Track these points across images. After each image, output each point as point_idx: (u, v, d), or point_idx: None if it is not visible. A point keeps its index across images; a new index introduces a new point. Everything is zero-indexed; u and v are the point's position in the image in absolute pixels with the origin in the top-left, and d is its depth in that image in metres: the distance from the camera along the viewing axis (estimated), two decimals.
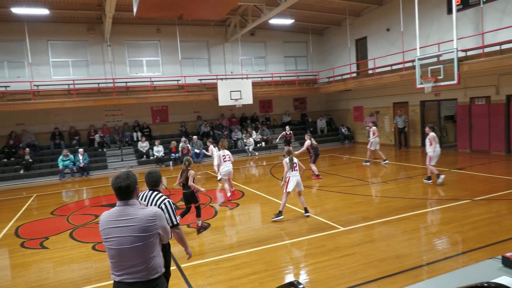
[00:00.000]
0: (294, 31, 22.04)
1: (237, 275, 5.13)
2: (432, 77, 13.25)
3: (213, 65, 20.94)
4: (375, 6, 18.27)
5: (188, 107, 20.27)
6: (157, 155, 17.21)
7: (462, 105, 15.00)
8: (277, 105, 22.75)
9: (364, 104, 20.56)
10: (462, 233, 6.08)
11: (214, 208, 8.89)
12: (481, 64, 12.16)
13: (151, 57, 19.93)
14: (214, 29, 20.44)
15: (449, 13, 14.10)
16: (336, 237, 6.33)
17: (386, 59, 17.13)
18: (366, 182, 10.65)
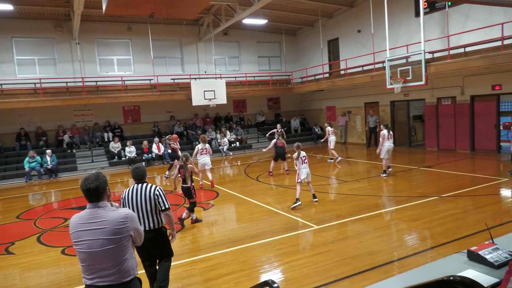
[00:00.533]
0: (268, 31, 22.14)
1: (212, 275, 5.10)
2: (401, 78, 13.64)
3: (186, 65, 20.72)
4: (346, 8, 18.62)
5: (161, 107, 19.97)
6: (129, 155, 16.86)
7: (430, 105, 15.53)
8: (251, 105, 22.79)
9: (337, 104, 20.92)
10: (430, 229, 6.30)
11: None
12: (447, 65, 12.64)
13: (122, 56, 19.49)
14: (187, 28, 20.23)
15: (417, 16, 14.57)
16: (310, 235, 6.42)
17: (357, 60, 17.49)
18: (339, 181, 10.84)
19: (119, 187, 12.91)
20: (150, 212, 4.20)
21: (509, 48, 11.02)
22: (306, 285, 4.60)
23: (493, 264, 2.62)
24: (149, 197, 4.19)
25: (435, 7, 14.22)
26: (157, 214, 4.25)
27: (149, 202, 4.19)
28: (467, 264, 2.73)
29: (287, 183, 11.24)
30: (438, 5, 14.08)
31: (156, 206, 4.22)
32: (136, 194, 4.23)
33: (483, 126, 13.73)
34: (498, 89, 13.02)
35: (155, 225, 4.24)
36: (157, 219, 4.26)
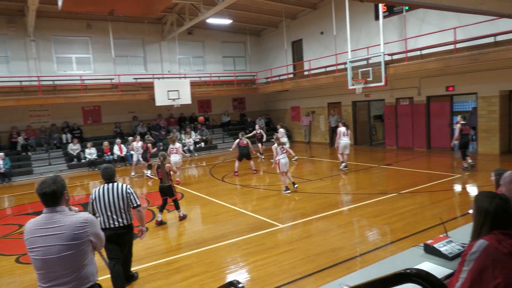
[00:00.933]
0: (232, 31, 22.11)
1: (177, 278, 5.02)
2: (362, 79, 14.07)
3: (149, 64, 20.27)
4: (309, 10, 18.93)
5: (122, 107, 19.41)
6: (89, 157, 16.25)
7: (389, 105, 16.11)
8: (216, 105, 22.66)
9: (301, 104, 21.23)
10: (390, 224, 6.53)
11: (152, 212, 8.61)
12: (405, 67, 13.16)
13: (81, 54, 18.76)
14: (150, 27, 19.79)
15: (377, 19, 15.07)
16: (275, 234, 6.46)
17: (320, 61, 17.84)
18: (303, 180, 11.01)
19: (78, 191, 12.42)
20: (122, 209, 4.52)
21: (462, 51, 11.66)
22: (271, 284, 4.63)
23: (447, 256, 2.75)
24: (121, 195, 4.52)
25: (393, 11, 14.77)
26: (128, 211, 4.60)
27: (121, 200, 4.52)
28: (424, 257, 2.86)
29: (253, 183, 11.26)
30: (396, 9, 14.64)
31: (128, 204, 4.57)
32: (108, 193, 4.52)
33: (438, 125, 14.43)
34: (451, 90, 13.72)
35: (127, 221, 4.58)
36: (128, 216, 4.61)
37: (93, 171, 15.98)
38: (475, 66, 12.18)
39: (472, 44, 11.72)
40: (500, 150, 12.60)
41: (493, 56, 10.68)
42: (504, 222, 2.04)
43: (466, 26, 11.72)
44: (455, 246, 2.83)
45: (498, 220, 2.04)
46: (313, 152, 17.34)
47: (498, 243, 1.96)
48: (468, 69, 12.67)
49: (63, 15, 17.07)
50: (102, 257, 5.89)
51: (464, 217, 6.48)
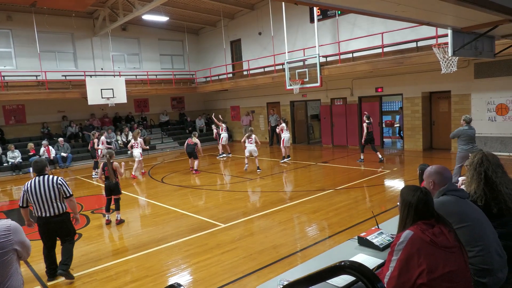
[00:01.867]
0: (170, 29, 21.60)
1: (115, 285, 4.81)
2: (299, 79, 14.54)
3: (79, 60, 19.07)
4: (247, 10, 19.11)
5: (50, 106, 18.06)
6: (12, 161, 14.91)
7: (325, 105, 16.82)
8: (154, 104, 21.99)
9: (241, 103, 21.37)
10: (327, 219, 6.83)
11: (86, 216, 8.14)
12: (338, 69, 13.84)
13: (0, 48, 17.13)
14: (79, 21, 18.61)
15: (312, 22, 15.65)
16: (217, 234, 6.45)
17: (258, 61, 18.11)
18: (244, 179, 11.10)
19: (1, 197, 11.35)
20: (55, 199, 4.88)
21: (388, 55, 12.53)
22: (214, 284, 4.62)
23: (379, 247, 2.96)
24: (52, 186, 4.86)
25: (327, 14, 15.43)
26: (61, 201, 4.96)
27: (53, 191, 4.86)
28: (358, 249, 3.04)
29: (194, 183, 11.12)
30: (329, 13, 15.31)
31: (60, 194, 4.93)
32: (39, 185, 4.84)
33: None
34: (380, 91, 14.69)
35: (60, 210, 4.95)
36: (62, 205, 4.97)
37: (17, 175, 14.70)
38: (400, 69, 13.17)
39: (397, 49, 12.66)
40: (423, 146, 13.75)
41: (415, 60, 11.63)
42: (425, 213, 2.24)
43: (391, 31, 12.61)
44: (385, 237, 3.05)
45: (420, 212, 2.24)
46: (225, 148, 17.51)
47: (422, 232, 2.15)
48: (394, 72, 13.66)
49: None
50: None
51: (392, 210, 6.98)
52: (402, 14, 4.87)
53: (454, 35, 6.10)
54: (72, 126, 18.18)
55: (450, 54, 6.26)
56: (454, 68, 8.22)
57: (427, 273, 2.04)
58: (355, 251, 3.01)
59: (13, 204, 10.24)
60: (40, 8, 15.91)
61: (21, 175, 14.75)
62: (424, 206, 2.24)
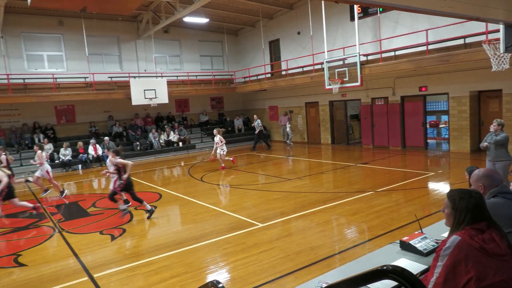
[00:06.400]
0: (210, 30, 21.99)
1: (156, 280, 4.97)
2: (338, 79, 14.30)
3: (124, 62, 19.89)
4: (286, 10, 19.06)
5: (98, 106, 18.97)
6: (63, 158, 15.81)
7: (365, 105, 16.44)
8: (194, 105, 22.49)
9: (279, 103, 21.36)
10: (367, 222, 6.68)
11: (129, 212, 8.47)
12: (380, 68, 13.46)
13: (53, 52, 18.21)
14: (125, 25, 19.42)
15: (352, 20, 15.33)
16: (255, 233, 6.49)
17: (297, 61, 18.01)
18: (282, 179, 11.09)
19: (52, 192, 12.06)
20: None
21: (433, 53, 12.03)
22: (252, 283, 4.65)
23: (422, 252, 2.85)
24: None
25: (368, 12, 15.07)
26: None
27: None
28: (400, 254, 2.95)
29: (233, 182, 11.26)
30: (371, 11, 14.94)
31: None
32: None
33: (412, 125, 14.83)
34: (424, 90, 14.13)
35: None
36: None
37: (67, 172, 15.57)
38: (446, 67, 12.60)
39: (443, 46, 12.12)
40: (470, 148, 13.08)
41: (463, 58, 11.08)
42: (478, 218, 2.13)
43: (437, 28, 12.10)
44: (429, 242, 2.93)
45: (473, 217, 2.13)
46: (291, 151, 17.48)
47: (471, 238, 2.05)
48: (439, 70, 13.09)
49: (33, 11, 16.54)
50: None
51: (437, 214, 6.70)
52: (449, 10, 4.65)
53: (507, 31, 5.75)
54: (117, 126, 18.99)
55: (502, 51, 5.90)
56: (506, 66, 7.76)
57: (476, 281, 1.94)
58: (396, 255, 2.92)
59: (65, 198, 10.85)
60: (89, 13, 16.72)
61: (70, 172, 15.60)
62: (478, 210, 2.13)
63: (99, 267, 5.51)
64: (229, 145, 20.24)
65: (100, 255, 6.02)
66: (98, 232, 7.18)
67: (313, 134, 19.50)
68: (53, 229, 7.59)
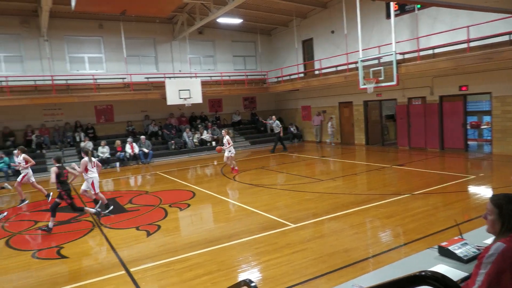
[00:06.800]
0: (243, 30, 22.14)
1: (189, 276, 5.07)
2: (373, 78, 13.98)
3: (160, 63, 20.42)
4: (320, 9, 18.86)
5: (134, 106, 19.60)
6: (101, 156, 16.46)
7: (401, 105, 15.97)
8: (227, 104, 22.73)
9: (312, 103, 21.17)
10: (403, 226, 6.49)
11: (164, 210, 8.69)
12: (417, 66, 13.04)
13: (93, 54, 18.99)
14: (161, 26, 19.94)
15: (388, 18, 14.94)
16: (287, 234, 6.47)
17: (331, 60, 17.77)
18: (315, 180, 10.99)
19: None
20: None
21: (475, 50, 11.50)
22: (284, 284, 4.64)
23: (462, 258, 2.73)
24: None
25: (405, 9, 14.63)
26: None
27: None
28: (438, 259, 2.84)
29: (264, 182, 11.28)
30: (408, 8, 14.50)
31: None
32: None
33: (451, 125, 14.25)
34: (465, 90, 13.54)
35: None
36: None
37: (105, 169, 16.18)
38: (489, 65, 12.01)
39: (485, 43, 11.55)
40: None
41: (507, 55, 10.52)
42: None
43: (479, 24, 11.55)
44: (470, 249, 2.81)
45: None
46: (324, 152, 17.29)
47: None
48: (481, 69, 12.50)
49: (75, 15, 17.28)
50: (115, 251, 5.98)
51: (478, 220, 6.40)
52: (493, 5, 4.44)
53: None
54: (152, 125, 19.52)
55: None
56: None
57: None
58: (434, 261, 2.82)
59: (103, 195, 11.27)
60: (128, 16, 17.32)
61: (108, 169, 16.19)
62: None
63: (135, 261, 5.69)
64: (261, 145, 20.42)
65: (136, 250, 6.22)
66: (134, 228, 7.42)
67: (346, 135, 19.18)
68: (92, 224, 7.92)
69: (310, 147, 19.47)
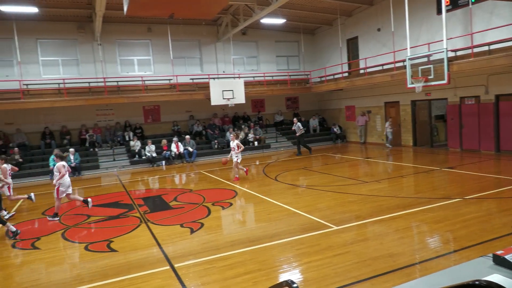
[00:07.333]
0: (286, 30, 22.08)
1: (231, 274, 5.14)
2: (422, 77, 13.39)
3: (205, 64, 20.88)
4: (366, 6, 18.38)
5: (180, 106, 20.20)
6: (148, 155, 17.12)
7: (452, 105, 15.18)
8: (270, 105, 22.78)
9: (356, 103, 20.69)
10: (453, 232, 6.16)
11: (207, 208, 8.88)
12: (470, 64, 12.32)
13: (142, 56, 19.81)
14: (206, 28, 20.38)
15: (439, 13, 14.24)
16: (329, 236, 6.37)
17: (377, 59, 17.26)
18: (359, 181, 10.73)
19: (139, 185, 13.13)
20: None
21: None
22: (326, 286, 4.57)
23: None
24: None
25: (457, 4, 13.87)
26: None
27: None
28: (493, 269, 2.67)
29: (306, 183, 11.18)
30: (460, 2, 13.74)
31: None
32: None
33: (509, 126, 13.32)
34: None
35: None
36: None
37: (152, 168, 16.80)
38: None
39: None
40: None
41: None
42: None
43: None
44: None
45: None
46: (369, 153, 16.83)
47: None
48: None
49: (126, 19, 18.13)
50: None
51: None
52: None
53: None
54: (197, 125, 20.00)
55: None
56: None
57: None
58: (488, 270, 2.64)
59: (150, 192, 11.74)
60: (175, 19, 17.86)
61: (154, 168, 16.80)
62: None
63: (179, 257, 5.86)
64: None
65: (181, 246, 6.40)
66: (179, 224, 7.64)
67: (392, 135, 18.51)
68: (139, 220, 8.26)
69: (354, 148, 19.04)
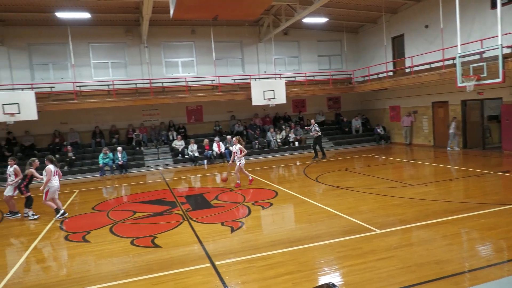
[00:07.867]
0: (328, 29, 21.76)
1: (271, 274, 5.14)
2: (474, 75, 12.67)
3: (246, 65, 21.07)
4: (413, 3, 17.70)
5: (222, 106, 20.52)
6: (191, 154, 17.55)
7: (508, 104, 14.25)
8: (311, 105, 22.56)
9: (401, 103, 19.98)
10: (507, 240, 5.78)
11: (247, 207, 8.95)
12: None
13: (186, 58, 20.34)
14: (248, 29, 20.55)
15: (493, 7, 13.42)
16: (372, 239, 6.20)
17: (424, 57, 16.58)
18: (403, 184, 10.35)
19: (182, 184, 13.48)
20: None
21: None
22: None
23: None
24: None
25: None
26: None
27: None
28: None
29: (348, 184, 10.96)
30: None
31: None
32: None
33: None
34: None
35: None
36: None
37: (194, 166, 17.20)
38: None
39: None
40: None
41: None
42: None
43: None
44: None
45: None
46: (414, 155, 16.20)
47: None
48: None
49: (171, 22, 18.70)
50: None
51: None
52: None
53: None
54: (238, 125, 20.22)
55: None
56: None
57: None
58: None
59: (192, 190, 12.03)
60: (218, 21, 18.19)
61: (197, 167, 17.18)
62: None
63: (220, 255, 5.95)
64: (346, 146, 19.92)
65: (221, 244, 6.50)
66: (220, 223, 7.76)
67: (440, 137, 17.69)
68: (182, 217, 8.48)
69: (398, 149, 18.40)
